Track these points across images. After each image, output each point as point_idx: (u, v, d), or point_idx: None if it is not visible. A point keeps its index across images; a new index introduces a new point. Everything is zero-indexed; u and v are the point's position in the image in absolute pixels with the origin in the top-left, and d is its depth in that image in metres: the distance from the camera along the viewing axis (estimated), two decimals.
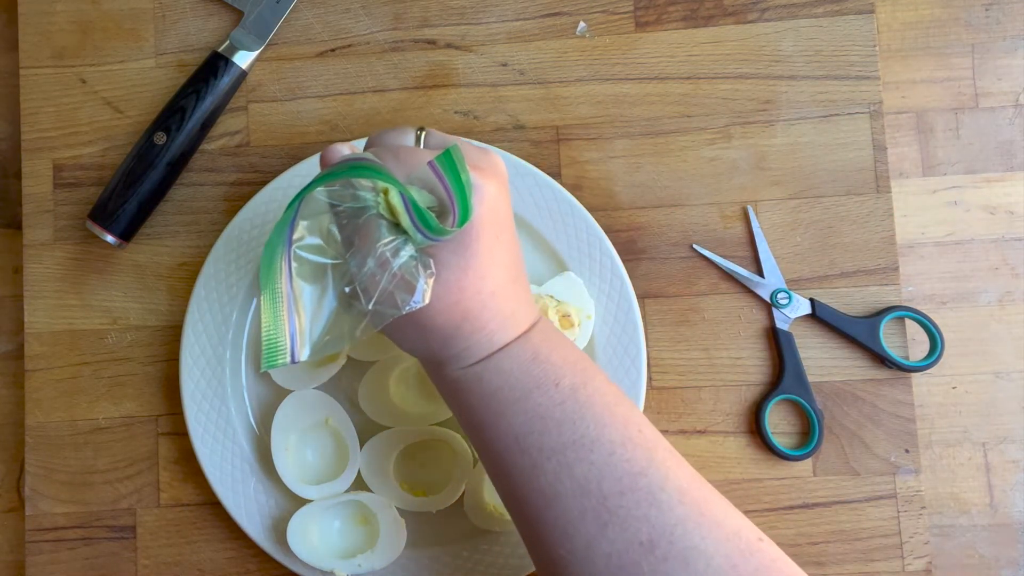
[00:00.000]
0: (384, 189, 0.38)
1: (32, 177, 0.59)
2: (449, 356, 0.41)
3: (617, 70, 0.58)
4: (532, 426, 0.40)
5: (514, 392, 0.40)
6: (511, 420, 0.40)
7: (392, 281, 0.38)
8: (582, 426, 0.39)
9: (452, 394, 0.43)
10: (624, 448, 0.39)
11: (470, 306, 0.40)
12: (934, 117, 0.58)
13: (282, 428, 0.54)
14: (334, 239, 0.40)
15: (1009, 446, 0.56)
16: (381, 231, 0.38)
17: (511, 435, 0.40)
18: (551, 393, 0.40)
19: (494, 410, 0.41)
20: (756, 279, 0.56)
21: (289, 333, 0.39)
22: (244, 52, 0.58)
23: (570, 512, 0.38)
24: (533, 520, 0.40)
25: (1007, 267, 0.57)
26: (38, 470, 0.58)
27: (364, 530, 0.55)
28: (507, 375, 0.41)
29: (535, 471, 0.39)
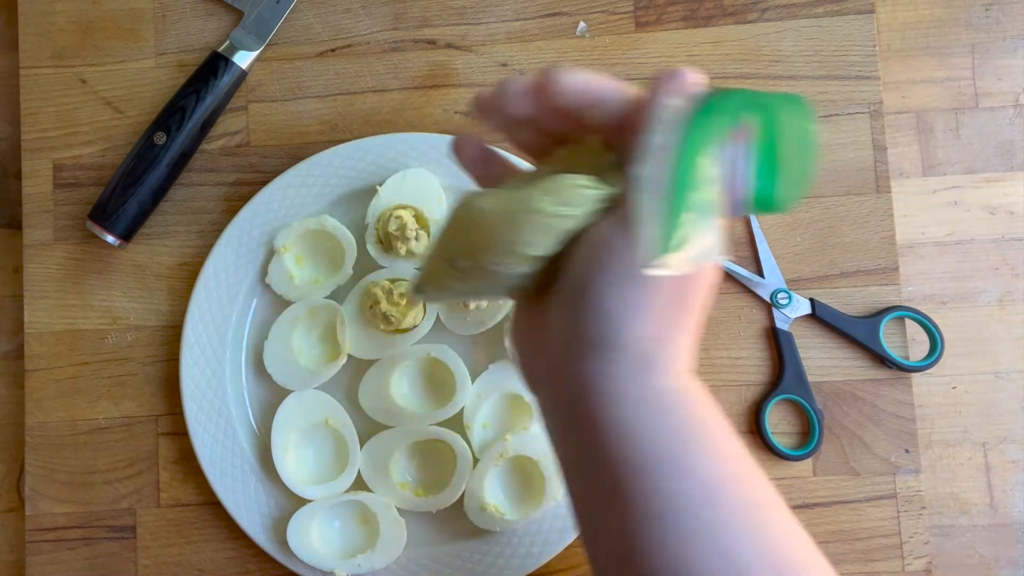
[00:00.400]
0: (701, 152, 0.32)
1: (32, 177, 0.59)
2: (667, 355, 0.34)
3: (617, 70, 0.58)
4: (727, 473, 0.34)
5: (713, 429, 0.34)
6: (712, 463, 0.34)
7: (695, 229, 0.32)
8: (760, 484, 0.34)
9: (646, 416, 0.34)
10: (788, 515, 0.35)
11: (704, 294, 0.35)
12: (934, 117, 0.58)
13: (282, 428, 0.54)
14: None
15: (1009, 446, 0.56)
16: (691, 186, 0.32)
17: (709, 479, 0.33)
18: (735, 437, 0.35)
19: (696, 445, 0.34)
20: (756, 279, 0.56)
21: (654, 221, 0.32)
22: (244, 52, 0.58)
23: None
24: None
25: (1007, 267, 0.57)
26: (38, 470, 0.58)
27: (364, 530, 0.55)
28: (703, 405, 0.35)
29: (726, 530, 0.33)
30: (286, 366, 0.55)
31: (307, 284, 0.55)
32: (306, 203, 0.56)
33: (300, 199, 0.56)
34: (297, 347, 0.56)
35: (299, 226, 0.56)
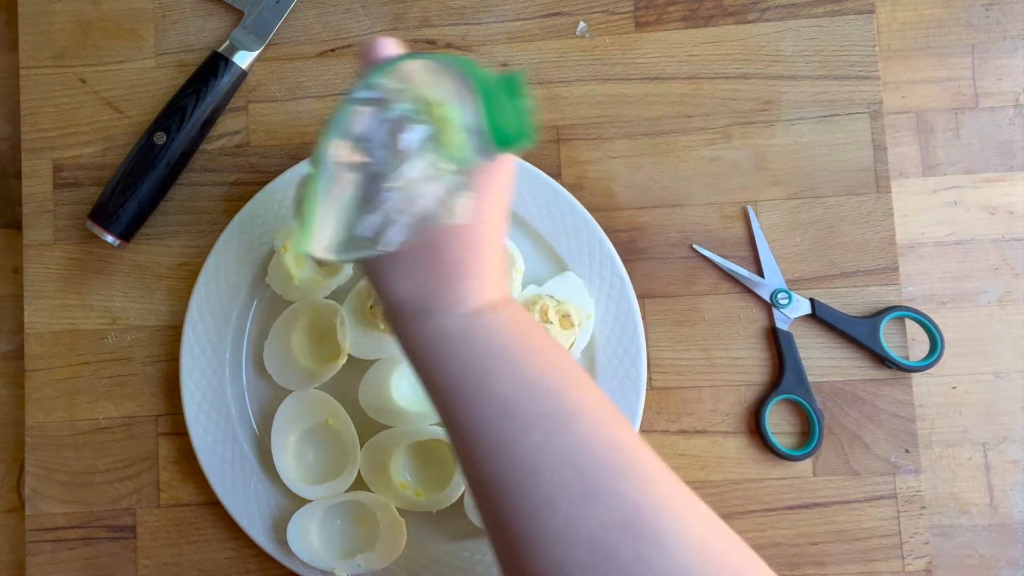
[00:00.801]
0: (436, 102, 0.37)
1: (32, 177, 0.59)
2: (444, 301, 0.39)
3: (617, 70, 0.58)
4: (521, 392, 0.38)
5: (506, 354, 0.39)
6: (502, 384, 0.38)
7: (429, 195, 0.36)
8: (567, 398, 0.38)
9: (433, 351, 0.40)
10: (608, 426, 0.38)
11: (483, 245, 0.39)
12: (934, 117, 0.58)
13: (282, 428, 0.54)
14: (383, 142, 0.38)
15: (1009, 446, 0.56)
16: (427, 141, 0.37)
17: (498, 399, 0.38)
18: (538, 360, 0.39)
19: (483, 370, 0.38)
20: (756, 279, 0.56)
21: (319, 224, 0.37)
22: (244, 52, 0.58)
23: (552, 486, 0.36)
24: (509, 495, 0.37)
25: (1007, 267, 0.57)
26: (38, 470, 0.58)
27: (364, 530, 0.55)
28: (500, 335, 0.39)
29: (518, 440, 0.37)
30: (286, 366, 0.55)
31: (307, 284, 0.55)
32: None
33: None
34: (297, 347, 0.56)
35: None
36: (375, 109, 0.37)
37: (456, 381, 0.39)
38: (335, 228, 0.37)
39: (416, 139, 0.37)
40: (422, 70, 0.37)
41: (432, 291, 0.39)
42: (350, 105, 0.37)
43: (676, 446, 0.56)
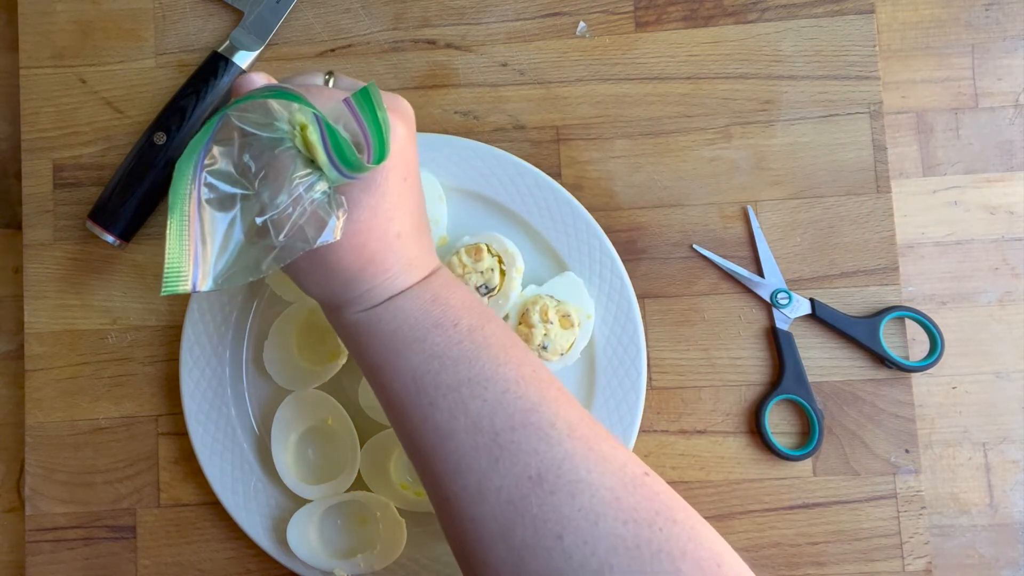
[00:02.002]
0: (301, 124, 0.38)
1: (32, 177, 0.59)
2: (351, 298, 0.42)
3: (617, 70, 0.58)
4: (429, 365, 0.40)
5: (413, 332, 0.41)
6: (409, 359, 0.41)
7: (304, 216, 0.37)
8: (477, 365, 0.40)
9: (351, 337, 0.43)
10: (517, 386, 0.40)
11: (376, 247, 0.40)
12: (934, 117, 0.58)
13: (282, 428, 0.54)
14: (247, 169, 0.39)
15: (1009, 446, 0.56)
16: (296, 165, 0.38)
17: (408, 374, 0.41)
18: (449, 333, 0.41)
19: (392, 350, 0.41)
20: (756, 279, 0.56)
21: (193, 260, 0.38)
22: (244, 52, 0.58)
23: (463, 448, 0.39)
24: (429, 458, 0.40)
25: (1007, 267, 0.57)
26: (38, 470, 0.58)
27: (364, 530, 0.55)
28: (406, 315, 0.41)
29: (431, 408, 0.40)
30: (286, 366, 0.55)
31: None
32: None
33: None
34: (297, 347, 0.56)
35: None
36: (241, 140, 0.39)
37: (373, 362, 0.42)
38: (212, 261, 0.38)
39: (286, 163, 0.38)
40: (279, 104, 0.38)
41: (337, 293, 0.42)
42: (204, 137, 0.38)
43: (676, 446, 0.56)
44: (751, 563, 0.55)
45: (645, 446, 0.56)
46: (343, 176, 0.38)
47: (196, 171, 0.38)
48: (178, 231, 0.38)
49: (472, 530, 0.39)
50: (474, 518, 0.39)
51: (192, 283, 0.38)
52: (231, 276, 0.39)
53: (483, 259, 0.53)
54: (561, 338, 0.53)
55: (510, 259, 0.54)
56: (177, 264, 0.38)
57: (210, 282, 0.38)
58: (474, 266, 0.53)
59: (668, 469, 0.55)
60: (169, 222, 0.38)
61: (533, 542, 0.37)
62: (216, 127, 0.39)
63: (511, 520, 0.38)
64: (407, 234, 0.42)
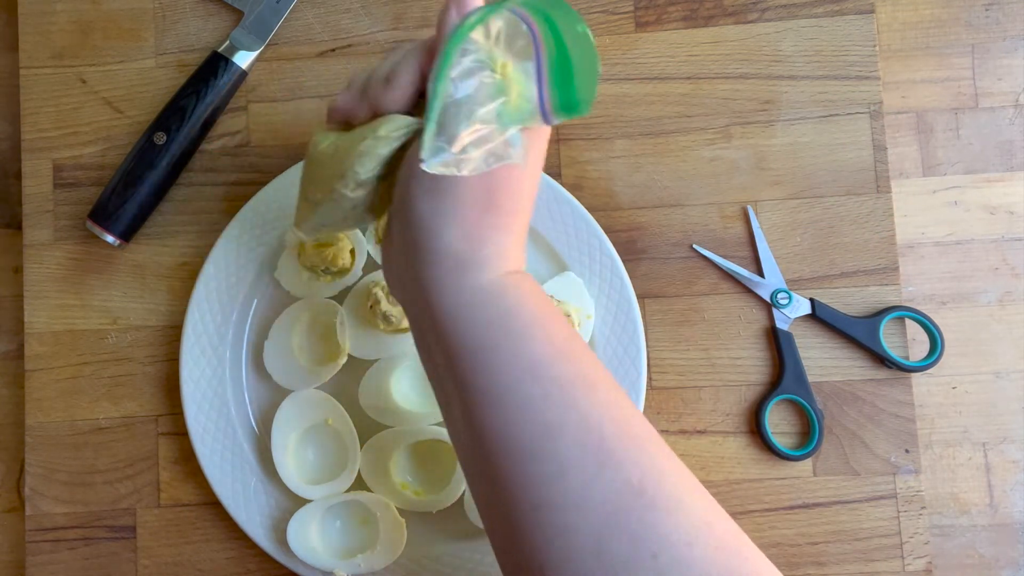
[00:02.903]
0: (503, 63, 0.38)
1: (32, 177, 0.59)
2: (486, 254, 0.39)
3: (617, 70, 0.58)
4: (547, 353, 0.38)
5: (535, 317, 0.39)
6: (531, 345, 0.38)
7: (494, 136, 0.37)
8: (587, 364, 0.39)
9: (466, 308, 0.39)
10: (619, 393, 0.39)
11: (525, 202, 0.40)
12: (934, 117, 0.58)
13: (282, 428, 0.54)
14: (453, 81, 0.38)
15: (1009, 446, 0.56)
16: (494, 90, 0.37)
17: (527, 359, 0.38)
18: (563, 326, 0.40)
19: (514, 331, 0.38)
20: (756, 279, 0.56)
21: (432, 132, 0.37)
22: (244, 52, 0.58)
23: (571, 448, 0.37)
24: (525, 460, 0.37)
25: (1007, 267, 0.57)
26: (38, 470, 0.58)
27: (364, 530, 0.55)
28: (528, 297, 0.39)
29: (544, 401, 0.37)
30: (286, 366, 0.55)
31: (314, 281, 0.55)
32: None
33: None
34: (297, 347, 0.56)
35: None
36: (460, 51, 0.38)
37: (485, 341, 0.39)
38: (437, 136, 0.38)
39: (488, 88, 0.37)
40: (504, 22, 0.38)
41: (479, 240, 0.39)
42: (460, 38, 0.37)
43: (676, 446, 0.56)
44: None
45: None
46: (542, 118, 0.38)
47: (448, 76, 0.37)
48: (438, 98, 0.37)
49: (562, 544, 0.36)
50: (569, 528, 0.36)
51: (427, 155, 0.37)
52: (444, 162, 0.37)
53: None
54: None
55: None
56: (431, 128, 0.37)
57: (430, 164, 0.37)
58: None
59: None
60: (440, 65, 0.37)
61: (629, 558, 0.35)
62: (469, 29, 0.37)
63: (610, 533, 0.36)
64: (528, 215, 0.41)
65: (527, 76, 0.38)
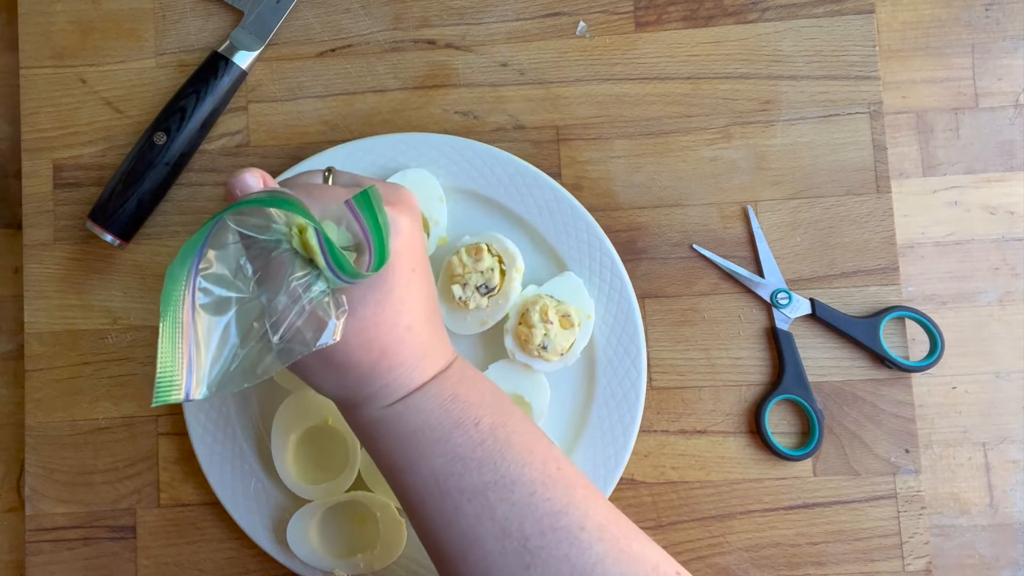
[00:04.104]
0: (300, 226, 0.37)
1: (32, 177, 0.59)
2: (366, 396, 0.41)
3: (617, 70, 0.58)
4: (453, 467, 0.39)
5: (434, 432, 0.40)
6: (432, 462, 0.39)
7: (302, 317, 0.37)
8: (503, 466, 0.39)
9: (370, 437, 0.42)
10: (544, 487, 0.39)
11: (387, 342, 0.39)
12: (934, 117, 0.58)
13: (282, 428, 0.54)
14: (243, 272, 0.38)
15: (1009, 446, 0.56)
16: (294, 265, 0.37)
17: (431, 477, 0.39)
18: (471, 433, 0.40)
19: (414, 451, 0.40)
20: (756, 279, 0.56)
21: (187, 368, 0.37)
22: (244, 52, 0.58)
23: (492, 555, 0.38)
24: (454, 563, 0.39)
25: (1007, 267, 0.57)
26: (38, 470, 0.58)
27: (364, 530, 0.55)
28: (427, 415, 0.40)
29: (456, 513, 0.39)
30: None
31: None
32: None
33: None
34: None
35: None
36: (237, 243, 0.38)
37: (391, 462, 0.41)
38: (206, 367, 0.37)
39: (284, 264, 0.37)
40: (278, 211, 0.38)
41: (351, 392, 0.41)
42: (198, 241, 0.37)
43: (676, 446, 0.56)
44: (751, 563, 0.55)
45: (645, 446, 0.56)
46: (342, 282, 0.38)
47: (190, 276, 0.37)
48: (171, 338, 0.36)
49: None
50: None
51: (185, 391, 0.36)
52: (225, 382, 0.37)
53: (483, 259, 0.53)
54: (561, 338, 0.53)
55: (510, 259, 0.54)
56: (170, 372, 0.36)
57: (204, 389, 0.37)
58: (474, 266, 0.53)
59: (668, 469, 0.55)
60: (161, 328, 0.36)
61: None
62: (211, 231, 0.38)
63: None
64: (418, 325, 0.40)
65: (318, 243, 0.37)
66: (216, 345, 0.37)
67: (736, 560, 0.55)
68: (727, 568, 0.55)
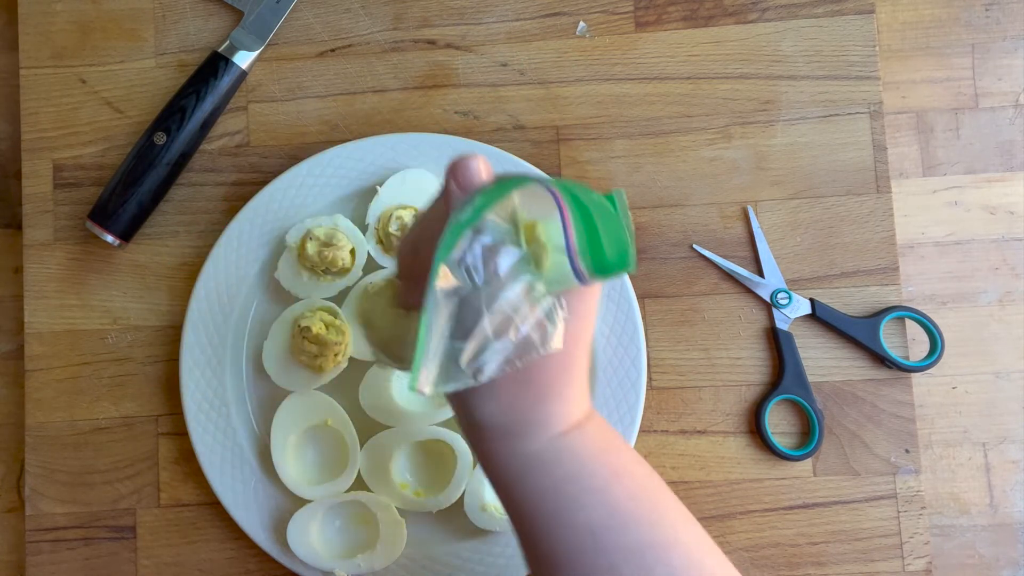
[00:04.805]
0: (527, 223, 0.35)
1: (32, 177, 0.59)
2: (533, 422, 0.37)
3: (617, 70, 0.58)
4: (612, 521, 0.36)
5: (594, 480, 0.37)
6: (590, 513, 0.36)
7: (527, 321, 0.34)
8: (659, 528, 0.37)
9: (519, 475, 0.38)
10: (691, 552, 0.37)
11: (572, 360, 0.37)
12: (934, 117, 0.58)
13: (282, 428, 0.54)
14: (470, 267, 0.35)
15: (1009, 446, 0.56)
16: (521, 265, 0.35)
17: (587, 529, 0.36)
18: (628, 485, 0.37)
19: (569, 497, 0.37)
20: (756, 279, 0.56)
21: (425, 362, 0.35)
22: (244, 52, 0.58)
23: None
24: None
25: (1007, 267, 0.57)
26: (38, 470, 0.58)
27: (364, 530, 0.55)
28: (585, 460, 0.37)
29: (611, 572, 0.36)
30: (286, 366, 0.55)
31: (315, 281, 0.55)
32: (306, 203, 0.56)
33: (300, 199, 0.56)
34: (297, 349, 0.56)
35: (311, 223, 0.55)
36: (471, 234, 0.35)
37: (543, 507, 0.37)
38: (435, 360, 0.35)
39: (511, 263, 0.35)
40: (519, 193, 0.35)
41: (521, 413, 0.37)
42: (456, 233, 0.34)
43: (676, 446, 0.56)
44: (751, 563, 0.55)
45: (645, 446, 0.56)
46: (576, 278, 0.35)
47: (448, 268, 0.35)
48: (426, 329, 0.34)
49: None
50: None
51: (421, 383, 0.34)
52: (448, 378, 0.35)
53: None
54: None
55: None
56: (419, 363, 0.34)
57: (431, 386, 0.35)
58: None
59: (668, 469, 0.55)
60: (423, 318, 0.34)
61: None
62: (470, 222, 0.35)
63: None
64: (586, 366, 0.38)
65: (556, 234, 0.35)
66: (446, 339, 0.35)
67: (736, 560, 0.55)
68: None
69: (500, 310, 0.34)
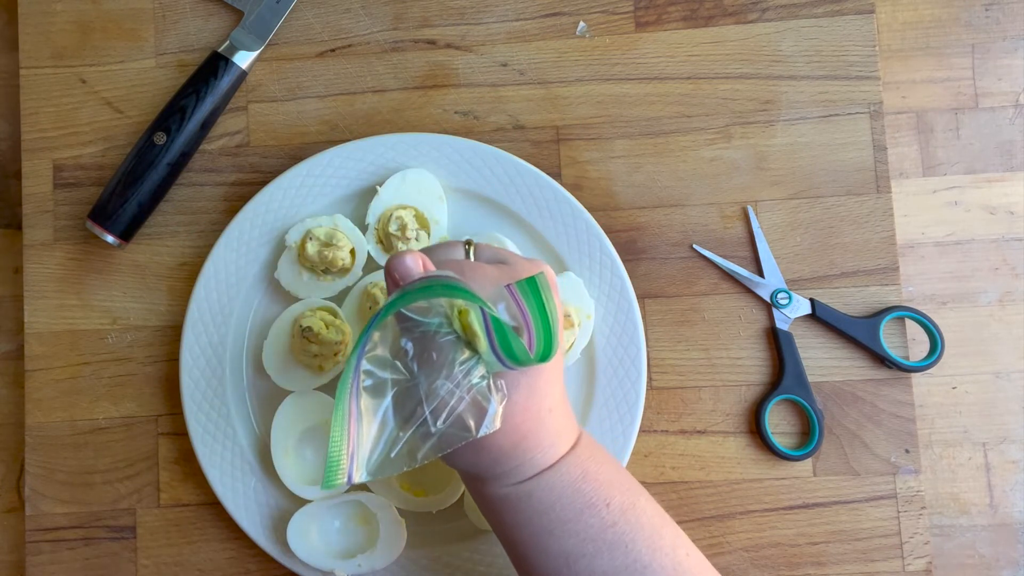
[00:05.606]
0: (461, 309, 0.37)
1: (32, 177, 0.59)
2: (499, 473, 0.40)
3: (617, 70, 0.58)
4: (584, 548, 0.39)
5: (565, 512, 0.39)
6: (562, 541, 0.39)
7: (462, 403, 0.36)
8: (634, 551, 0.39)
9: (497, 511, 0.41)
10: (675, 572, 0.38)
11: (530, 426, 0.39)
12: (934, 117, 0.58)
13: (282, 428, 0.54)
14: (404, 354, 0.38)
15: (1009, 446, 0.56)
16: (456, 350, 0.37)
17: (561, 558, 0.39)
18: (603, 514, 0.39)
19: (543, 529, 0.39)
20: (756, 279, 0.56)
21: (349, 453, 0.37)
22: (244, 52, 0.58)
23: None
24: None
25: (1007, 267, 0.57)
26: (38, 470, 0.58)
27: (364, 530, 0.55)
28: (558, 493, 0.39)
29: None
30: (286, 366, 0.55)
31: (315, 281, 0.55)
32: (306, 203, 0.56)
33: (300, 199, 0.56)
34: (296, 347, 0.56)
35: (311, 223, 0.55)
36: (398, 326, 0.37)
37: (519, 539, 0.40)
38: (368, 452, 0.37)
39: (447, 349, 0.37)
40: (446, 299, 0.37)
41: (485, 468, 0.40)
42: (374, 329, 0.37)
43: (676, 446, 0.56)
44: (751, 563, 0.55)
45: (645, 446, 0.56)
46: (504, 366, 0.37)
47: (358, 361, 0.37)
48: (341, 424, 0.37)
49: None
50: None
51: (348, 476, 0.37)
52: (385, 465, 0.37)
53: None
54: None
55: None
56: (337, 457, 0.37)
57: (364, 473, 0.37)
58: None
59: (668, 469, 0.55)
60: (334, 416, 0.37)
61: None
62: (379, 322, 0.37)
63: None
64: (557, 407, 0.40)
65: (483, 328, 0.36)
66: (376, 429, 0.37)
67: (736, 560, 0.55)
68: (727, 568, 0.55)
69: (436, 395, 0.36)
